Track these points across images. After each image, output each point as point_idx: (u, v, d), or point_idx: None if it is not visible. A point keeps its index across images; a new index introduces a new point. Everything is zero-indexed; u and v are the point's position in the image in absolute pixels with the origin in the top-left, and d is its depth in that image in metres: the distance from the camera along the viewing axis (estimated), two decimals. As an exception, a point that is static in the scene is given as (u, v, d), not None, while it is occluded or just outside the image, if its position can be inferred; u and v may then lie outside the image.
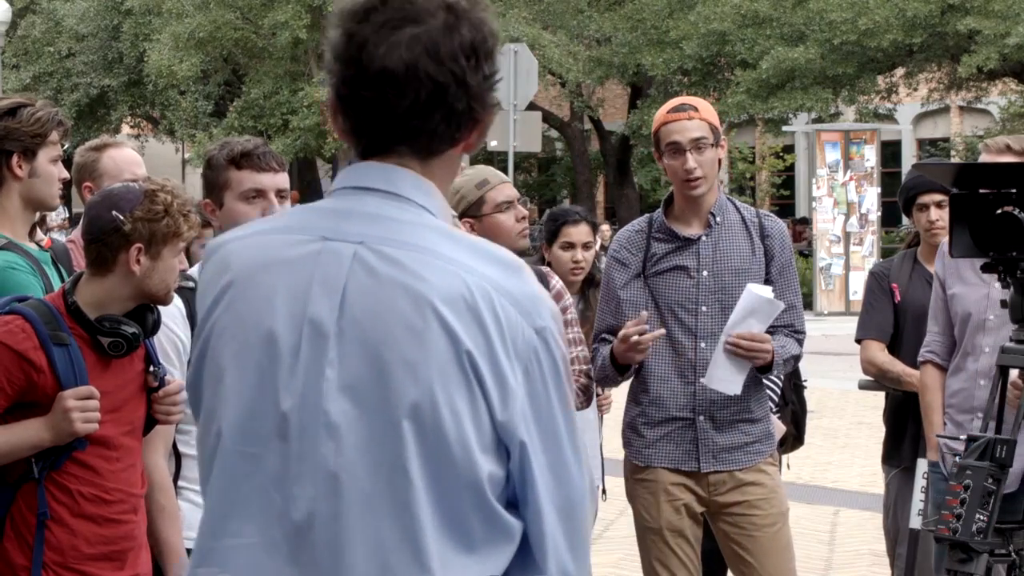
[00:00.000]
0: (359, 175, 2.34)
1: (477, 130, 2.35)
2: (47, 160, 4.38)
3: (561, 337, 2.32)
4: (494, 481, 2.27)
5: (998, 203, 4.69)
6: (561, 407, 2.31)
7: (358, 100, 2.30)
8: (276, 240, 2.35)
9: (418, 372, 2.23)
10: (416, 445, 2.23)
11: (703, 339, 5.24)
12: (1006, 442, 4.63)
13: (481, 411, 2.24)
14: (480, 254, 2.30)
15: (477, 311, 2.24)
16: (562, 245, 6.41)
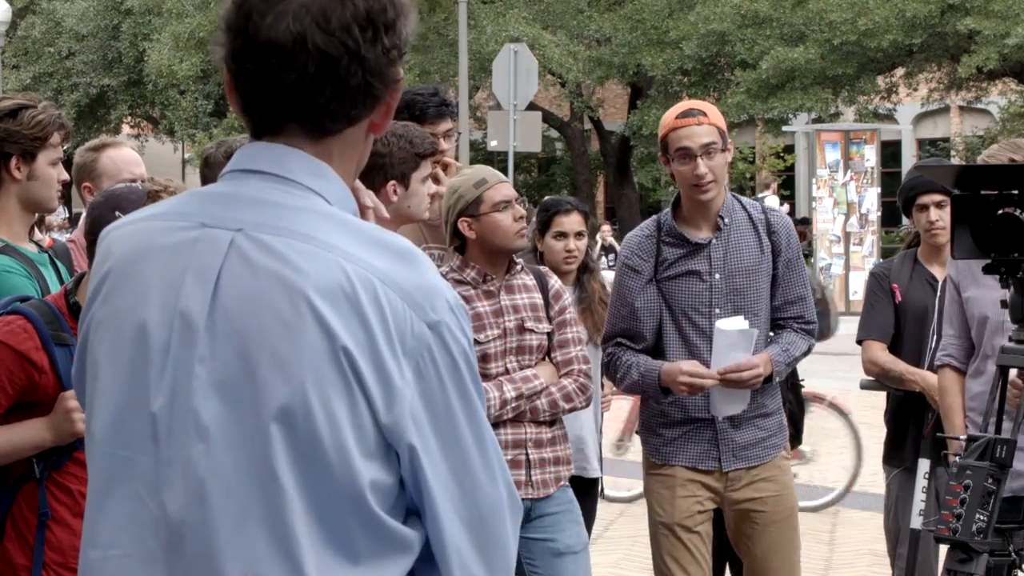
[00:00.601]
0: (247, 157, 2.17)
1: (381, 108, 2.16)
2: (46, 163, 4.37)
3: (464, 331, 2.12)
4: (380, 489, 2.07)
5: (1000, 204, 4.69)
6: (463, 408, 2.11)
7: (245, 74, 2.13)
8: (156, 227, 2.18)
9: (289, 370, 2.04)
10: (287, 450, 2.04)
11: None
12: (1006, 442, 4.64)
13: (362, 413, 2.05)
14: (368, 241, 2.10)
15: (357, 303, 2.05)
16: (554, 235, 6.42)
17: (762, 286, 5.38)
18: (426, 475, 2.08)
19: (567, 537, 5.28)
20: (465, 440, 2.11)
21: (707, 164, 5.24)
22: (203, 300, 2.09)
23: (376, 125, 2.19)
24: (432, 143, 5.01)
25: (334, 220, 2.11)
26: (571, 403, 5.28)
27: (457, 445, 2.10)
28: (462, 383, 2.10)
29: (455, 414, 2.10)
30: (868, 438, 12.51)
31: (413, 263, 2.11)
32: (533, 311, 5.28)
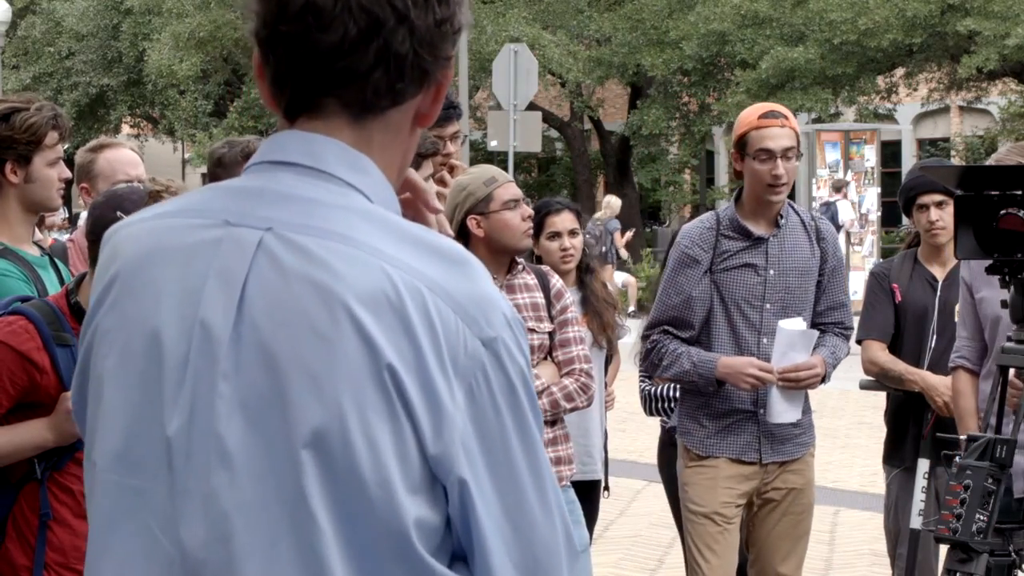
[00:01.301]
0: (276, 146, 1.91)
1: (430, 91, 1.91)
2: (43, 164, 4.36)
3: (521, 349, 1.85)
4: (425, 528, 1.79)
5: (1003, 205, 4.70)
6: (520, 437, 1.83)
7: (278, 39, 1.86)
8: (171, 225, 1.91)
9: (324, 389, 1.77)
10: (321, 481, 1.77)
11: (766, 335, 5.47)
12: (1006, 442, 4.64)
13: (407, 441, 1.77)
14: (416, 244, 1.83)
15: (404, 315, 1.78)
16: (548, 236, 6.42)
17: (810, 287, 5.57)
18: (478, 514, 1.80)
19: (568, 537, 5.28)
20: (521, 474, 1.83)
21: (785, 166, 5.41)
22: (227, 309, 1.83)
23: (423, 116, 1.93)
24: (434, 143, 5.02)
25: (376, 220, 1.85)
26: (572, 402, 5.28)
27: (512, 480, 1.82)
28: (519, 408, 1.83)
29: (511, 444, 1.82)
30: (868, 438, 12.53)
31: (466, 270, 1.84)
32: (534, 311, 5.29)
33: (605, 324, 6.28)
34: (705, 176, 43.27)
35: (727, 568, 5.48)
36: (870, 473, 11.17)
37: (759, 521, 5.60)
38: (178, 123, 36.76)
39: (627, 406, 12.03)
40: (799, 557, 5.66)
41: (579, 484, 5.63)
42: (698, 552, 5.50)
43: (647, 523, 9.93)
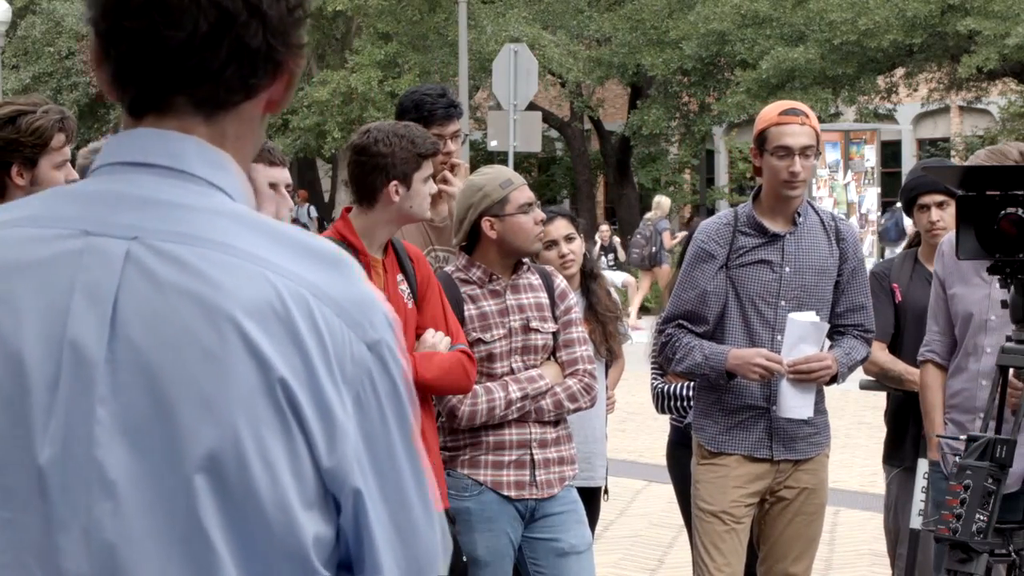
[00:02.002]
0: (129, 146, 1.80)
1: (282, 79, 1.82)
2: (50, 167, 4.34)
3: (402, 349, 1.78)
4: (321, 544, 1.73)
5: (1004, 205, 4.70)
6: (404, 443, 1.76)
7: (121, 35, 1.75)
8: (22, 235, 1.75)
9: (217, 410, 1.67)
10: (216, 505, 1.67)
11: (780, 332, 5.48)
12: (1006, 442, 4.64)
13: (301, 456, 1.69)
14: (292, 247, 1.73)
15: (292, 325, 1.69)
16: (545, 245, 6.42)
17: (827, 287, 5.57)
18: (371, 523, 1.74)
19: (571, 537, 5.28)
20: (406, 480, 1.77)
21: (802, 163, 5.44)
22: (99, 327, 1.69)
23: (274, 102, 1.84)
24: (434, 143, 5.01)
25: (247, 222, 1.74)
26: (576, 403, 5.28)
27: (398, 486, 1.77)
28: (402, 412, 1.76)
29: (396, 449, 1.76)
30: (868, 438, 12.53)
31: (345, 272, 1.75)
32: (538, 311, 5.29)
33: (608, 334, 6.29)
34: (705, 176, 43.28)
35: (734, 568, 5.49)
36: (870, 473, 11.17)
37: (771, 520, 5.60)
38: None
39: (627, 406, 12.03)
40: (810, 558, 5.67)
41: (581, 490, 5.63)
42: (705, 551, 5.51)
43: (647, 523, 9.93)
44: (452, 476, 5.14)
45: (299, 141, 33.18)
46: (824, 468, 5.66)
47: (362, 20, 33.27)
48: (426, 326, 4.94)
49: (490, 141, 24.46)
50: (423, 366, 4.83)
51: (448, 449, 5.19)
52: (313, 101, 31.96)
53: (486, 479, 5.19)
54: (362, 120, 29.17)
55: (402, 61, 32.01)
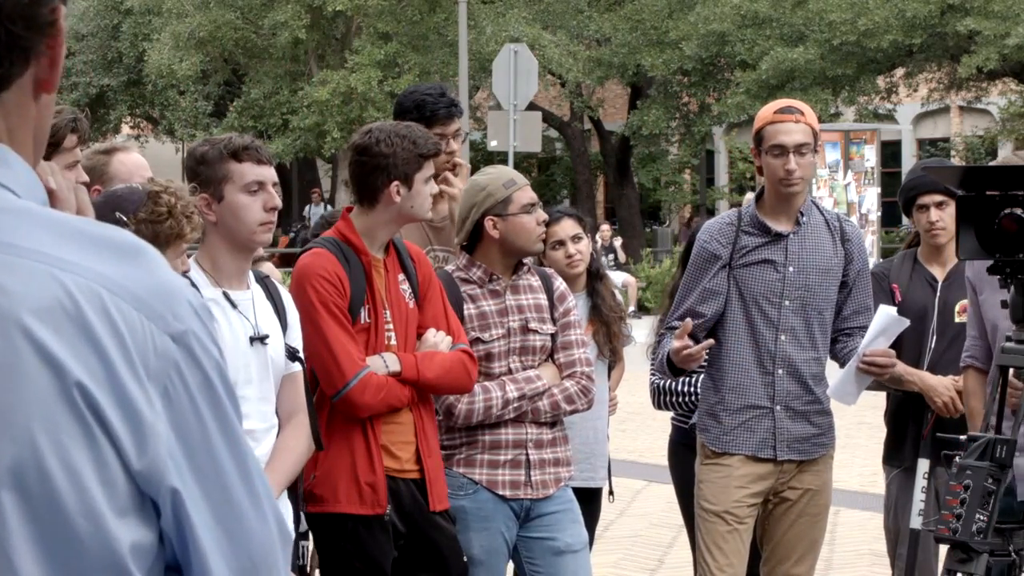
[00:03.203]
0: None
1: (44, 60, 1.67)
2: (61, 167, 4.35)
3: (212, 338, 1.69)
4: (141, 552, 1.63)
5: (1004, 205, 4.70)
6: (222, 433, 1.67)
7: None
8: None
9: (12, 421, 1.57)
10: (22, 523, 1.58)
11: (783, 332, 5.50)
12: (1006, 442, 4.64)
13: (109, 462, 1.59)
14: (82, 240, 1.62)
15: (85, 323, 1.58)
16: (552, 245, 6.43)
17: (831, 287, 5.57)
18: (192, 523, 1.65)
19: (567, 536, 5.29)
20: (228, 474, 1.67)
21: (798, 161, 5.44)
22: None
23: (44, 82, 1.68)
24: (435, 143, 5.02)
25: (32, 217, 1.62)
26: (573, 405, 5.29)
27: (219, 482, 1.67)
28: (218, 403, 1.66)
29: (213, 443, 1.66)
30: (868, 438, 12.53)
31: (142, 261, 1.64)
32: (537, 312, 5.30)
33: (612, 334, 6.30)
34: (705, 176, 43.28)
35: (736, 568, 5.48)
36: (870, 473, 11.17)
37: (774, 520, 5.60)
38: (178, 123, 36.76)
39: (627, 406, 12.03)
40: (813, 559, 5.67)
41: (582, 491, 5.63)
42: (707, 550, 5.51)
43: (647, 523, 9.93)
44: (448, 475, 5.14)
45: (299, 141, 33.18)
46: (828, 469, 5.66)
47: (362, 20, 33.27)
48: (427, 325, 4.95)
49: (490, 141, 24.46)
50: (424, 365, 4.83)
51: (444, 448, 5.20)
52: (313, 101, 31.95)
53: (481, 478, 5.20)
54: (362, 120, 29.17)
55: (402, 61, 32.01)
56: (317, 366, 4.77)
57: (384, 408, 4.81)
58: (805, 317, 5.50)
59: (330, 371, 4.78)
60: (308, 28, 32.50)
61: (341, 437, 4.80)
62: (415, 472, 4.88)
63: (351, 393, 4.74)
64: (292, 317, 4.57)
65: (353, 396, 4.74)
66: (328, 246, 4.89)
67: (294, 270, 4.95)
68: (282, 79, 34.18)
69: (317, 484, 4.82)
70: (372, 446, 4.81)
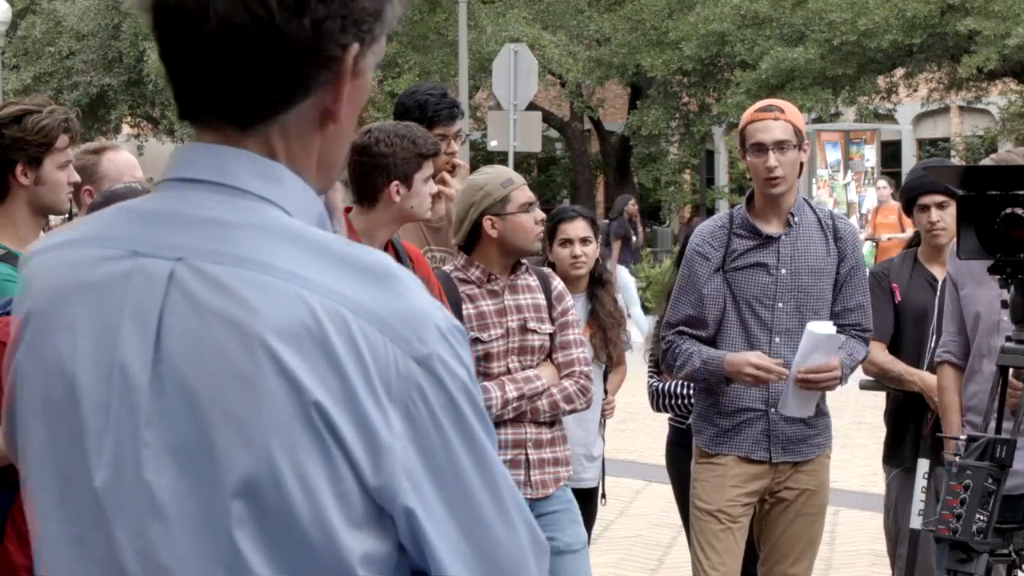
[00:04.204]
0: (184, 161, 1.76)
1: (328, 91, 1.74)
2: (53, 167, 4.35)
3: (460, 360, 1.72)
4: (374, 561, 1.70)
5: (1005, 204, 4.70)
6: (468, 452, 1.72)
7: (157, 42, 1.74)
8: (80, 256, 1.76)
9: (251, 435, 1.66)
10: (255, 531, 1.67)
11: (778, 334, 5.48)
12: (1006, 442, 4.64)
13: (344, 478, 1.67)
14: (334, 262, 1.69)
15: (327, 345, 1.65)
16: (560, 242, 6.44)
17: (825, 287, 5.54)
18: (429, 539, 1.70)
19: (566, 536, 5.29)
20: (474, 490, 1.72)
21: (778, 158, 5.41)
22: (144, 350, 1.70)
23: (331, 113, 1.75)
24: (435, 143, 5.02)
25: (290, 237, 1.70)
26: (572, 404, 5.29)
27: (465, 498, 1.72)
28: (463, 423, 1.71)
29: (459, 462, 1.71)
30: (868, 438, 12.53)
31: (391, 284, 1.69)
32: (536, 312, 5.30)
33: (608, 340, 6.29)
34: (705, 176, 43.28)
35: (729, 567, 5.48)
36: (870, 473, 11.17)
37: (771, 520, 5.60)
38: (178, 123, 36.75)
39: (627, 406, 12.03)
40: (811, 559, 5.66)
41: (575, 492, 5.63)
42: (700, 549, 5.51)
43: (647, 523, 9.93)
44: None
45: (299, 141, 33.17)
46: (825, 469, 5.65)
47: (362, 20, 33.25)
48: (426, 326, 4.94)
49: (490, 141, 24.45)
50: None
51: (447, 448, 5.19)
52: (313, 101, 31.94)
53: (482, 478, 5.20)
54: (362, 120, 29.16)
55: (402, 61, 32.00)
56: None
57: (384, 408, 4.80)
58: (800, 318, 5.48)
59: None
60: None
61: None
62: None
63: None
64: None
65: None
66: (328, 246, 4.89)
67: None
68: (282, 79, 34.18)
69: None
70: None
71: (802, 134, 5.54)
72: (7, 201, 4.34)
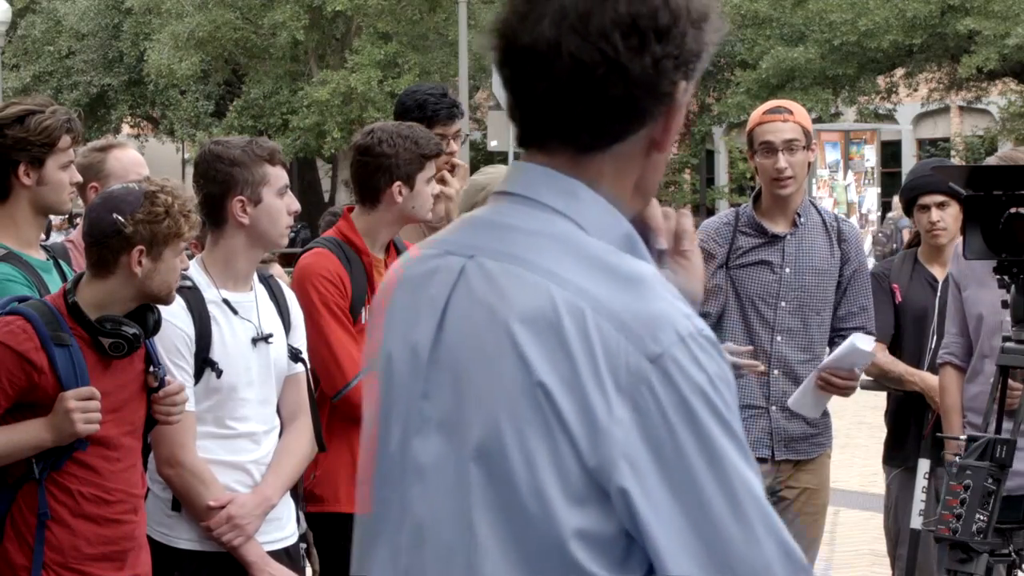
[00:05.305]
0: (508, 177, 2.04)
1: (659, 122, 1.96)
2: (56, 167, 4.34)
3: (698, 364, 1.86)
4: (591, 540, 1.85)
5: (1010, 204, 4.70)
6: (700, 452, 1.84)
7: (505, 80, 1.98)
8: (417, 255, 2.08)
9: (486, 406, 1.90)
10: (485, 494, 1.89)
11: (780, 332, 5.48)
12: (1006, 442, 4.64)
13: (564, 454, 1.85)
14: (592, 266, 1.90)
15: (561, 333, 1.86)
16: None
17: (828, 287, 5.55)
18: (645, 522, 1.83)
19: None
20: (703, 488, 1.84)
21: (788, 159, 5.42)
22: (429, 331, 1.98)
23: (658, 143, 1.98)
24: (437, 144, 5.01)
25: (566, 243, 1.93)
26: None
27: (693, 494, 1.84)
28: (696, 423, 1.84)
29: (688, 458, 1.83)
30: (868, 438, 12.52)
31: (638, 289, 1.88)
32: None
33: None
34: (705, 176, 43.28)
35: None
36: (870, 473, 11.16)
37: None
38: (178, 123, 36.76)
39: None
40: (812, 559, 5.66)
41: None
42: None
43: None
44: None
45: (299, 141, 33.17)
46: (826, 469, 5.65)
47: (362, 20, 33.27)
48: (426, 326, 4.94)
49: (490, 141, 24.46)
50: (423, 366, 4.83)
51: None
52: (313, 101, 31.95)
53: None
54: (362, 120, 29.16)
55: (402, 61, 32.01)
56: (318, 366, 4.76)
57: (384, 408, 4.80)
58: (802, 318, 5.48)
59: (331, 371, 4.78)
60: (308, 28, 32.50)
61: (341, 437, 4.79)
62: (415, 472, 4.88)
63: (352, 393, 4.73)
64: (296, 317, 4.54)
65: (354, 396, 4.73)
66: (329, 246, 4.89)
67: (295, 270, 4.94)
68: (282, 79, 34.18)
69: (317, 484, 4.81)
70: (372, 446, 4.80)
71: (810, 135, 5.56)
72: (9, 201, 4.33)
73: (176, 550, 4.29)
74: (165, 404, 4.02)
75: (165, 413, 4.03)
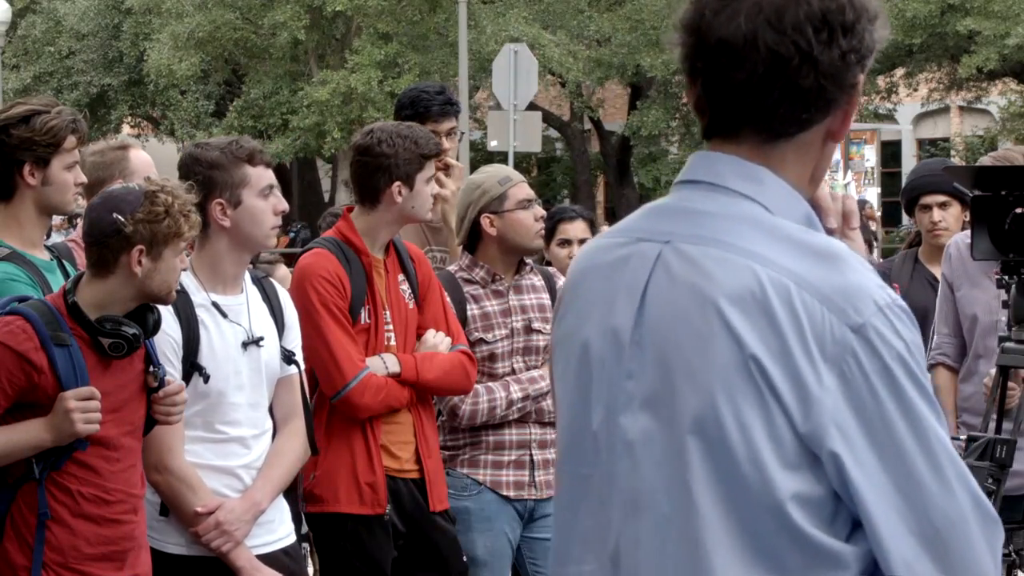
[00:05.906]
0: (690, 166, 2.16)
1: (837, 113, 2.14)
2: (60, 167, 4.34)
3: (897, 333, 2.01)
4: (806, 501, 2.00)
5: (1016, 204, 4.70)
6: (902, 414, 1.99)
7: (697, 73, 2.10)
8: (602, 244, 2.21)
9: (699, 381, 2.03)
10: (702, 464, 2.02)
11: None
12: (1006, 442, 4.64)
13: (777, 423, 1.99)
14: (789, 245, 2.04)
15: (769, 309, 2.00)
16: (559, 242, 6.45)
17: None
18: (855, 484, 1.99)
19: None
20: (906, 449, 2.00)
21: None
22: (630, 315, 2.10)
23: (834, 132, 2.16)
24: (437, 144, 5.02)
25: (758, 224, 2.07)
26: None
27: (897, 455, 1.99)
28: (897, 388, 2.00)
29: (892, 422, 1.99)
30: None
31: (835, 264, 2.03)
32: (541, 312, 5.29)
33: None
34: (705, 176, 43.26)
35: None
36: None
37: None
38: (179, 123, 36.73)
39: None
40: None
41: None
42: None
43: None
44: (451, 475, 5.14)
45: (299, 141, 33.14)
46: None
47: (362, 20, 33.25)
48: (427, 326, 4.94)
49: (490, 141, 24.46)
50: (424, 367, 4.83)
51: (448, 448, 5.19)
52: (313, 101, 31.93)
53: (485, 479, 5.19)
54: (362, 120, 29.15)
55: (402, 61, 31.99)
56: (317, 367, 4.76)
57: (383, 409, 4.80)
58: None
59: (330, 372, 4.77)
60: (308, 28, 32.48)
61: (341, 437, 4.79)
62: (415, 472, 4.88)
63: (351, 394, 4.73)
64: (290, 319, 4.53)
65: (353, 397, 4.74)
66: (329, 246, 4.88)
67: (295, 270, 4.94)
68: (282, 79, 34.15)
69: (317, 484, 4.81)
70: (372, 446, 4.80)
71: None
72: (14, 201, 4.33)
73: (165, 555, 4.27)
74: (165, 404, 4.02)
75: (165, 413, 4.04)
